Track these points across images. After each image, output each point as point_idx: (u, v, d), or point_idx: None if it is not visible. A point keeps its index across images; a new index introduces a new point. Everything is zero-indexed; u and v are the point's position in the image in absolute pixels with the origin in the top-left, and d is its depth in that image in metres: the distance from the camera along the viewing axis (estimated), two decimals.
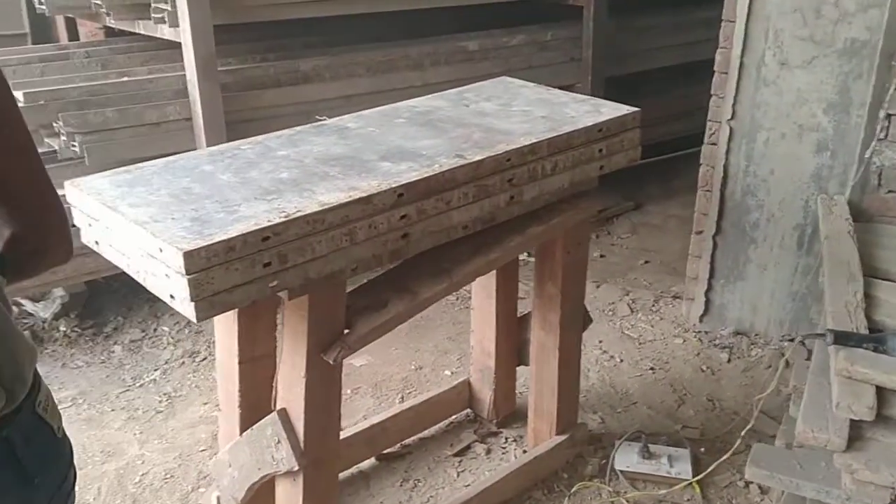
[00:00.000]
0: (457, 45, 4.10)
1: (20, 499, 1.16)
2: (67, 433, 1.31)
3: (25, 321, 3.65)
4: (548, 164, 2.16)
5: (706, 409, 3.07)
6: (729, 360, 3.37)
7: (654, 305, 3.83)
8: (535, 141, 2.11)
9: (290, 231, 1.65)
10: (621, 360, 3.40)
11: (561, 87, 2.83)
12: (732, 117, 3.25)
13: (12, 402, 1.13)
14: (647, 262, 4.30)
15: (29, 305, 3.68)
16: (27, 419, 1.17)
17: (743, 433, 2.48)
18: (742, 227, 3.38)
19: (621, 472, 2.69)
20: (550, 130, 2.18)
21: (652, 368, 3.34)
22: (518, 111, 2.36)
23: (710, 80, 3.32)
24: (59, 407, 1.30)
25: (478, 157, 1.99)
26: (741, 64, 3.16)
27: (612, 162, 2.36)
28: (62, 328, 3.62)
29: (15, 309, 3.67)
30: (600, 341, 3.54)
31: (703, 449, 2.83)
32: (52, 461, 1.23)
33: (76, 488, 1.33)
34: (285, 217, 1.65)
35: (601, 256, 4.37)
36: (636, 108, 2.38)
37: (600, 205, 2.50)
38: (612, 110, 2.36)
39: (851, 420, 1.85)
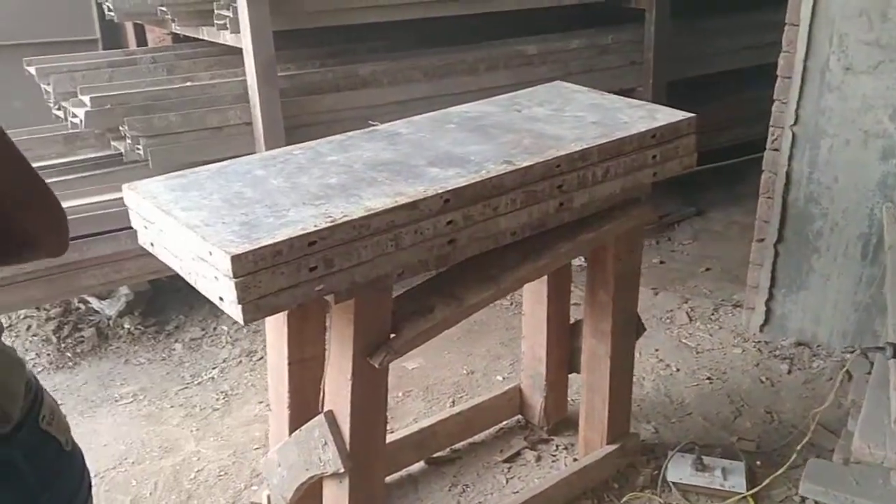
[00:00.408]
0: (515, 50, 4.09)
1: None
2: (122, 429, 1.30)
3: (91, 318, 3.77)
4: (598, 170, 2.14)
5: (764, 421, 2.99)
6: (789, 372, 3.28)
7: (713, 314, 3.76)
8: (585, 147, 2.09)
9: (336, 236, 1.67)
10: (677, 370, 3.34)
11: (621, 91, 2.81)
12: (795, 123, 3.17)
13: (7, 420, 1.08)
14: (707, 269, 4.22)
15: (95, 303, 3.80)
16: (30, 436, 1.12)
17: (800, 447, 2.42)
18: (805, 235, 3.29)
19: (673, 483, 2.64)
20: (602, 136, 2.16)
21: (709, 378, 3.27)
22: (570, 116, 2.34)
23: (774, 84, 3.24)
24: (119, 403, 1.30)
25: (526, 163, 1.98)
26: (805, 68, 3.08)
27: (665, 168, 2.32)
28: (126, 325, 3.73)
29: (81, 306, 3.80)
30: (656, 350, 3.48)
31: (758, 462, 2.76)
32: (61, 476, 1.18)
33: (93, 494, 1.29)
34: (331, 222, 1.67)
35: (661, 263, 4.30)
36: (692, 114, 2.33)
37: (654, 211, 2.46)
38: (667, 116, 2.32)
39: None
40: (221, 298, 1.64)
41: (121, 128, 3.33)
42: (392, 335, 1.92)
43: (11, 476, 1.08)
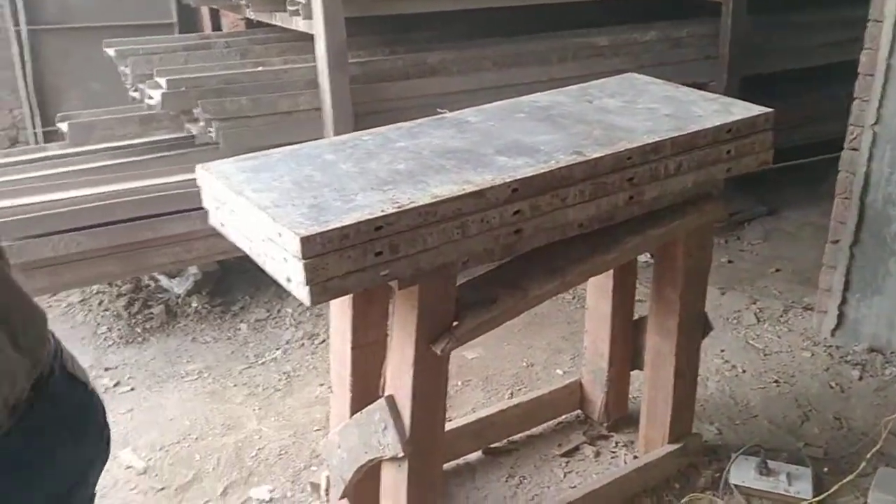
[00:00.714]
0: (586, 41, 4.04)
1: (75, 455, 1.20)
2: (188, 404, 1.35)
3: (161, 296, 3.86)
4: (671, 163, 2.09)
5: (832, 427, 2.91)
6: (860, 378, 3.17)
7: (782, 316, 3.66)
8: (658, 139, 2.05)
9: (402, 222, 1.67)
10: (743, 371, 3.27)
11: (694, 86, 2.74)
12: (877, 122, 3.05)
13: (37, 365, 1.14)
14: (777, 270, 4.11)
15: (164, 281, 3.89)
16: (61, 380, 1.18)
17: (869, 455, 2.35)
18: (882, 238, 3.17)
19: (736, 486, 2.59)
20: (675, 129, 2.11)
21: (776, 381, 3.19)
22: (643, 108, 2.30)
23: (854, 82, 3.13)
24: (185, 379, 1.34)
25: (597, 155, 1.95)
26: (888, 66, 2.97)
27: (740, 164, 2.26)
28: (194, 304, 3.82)
29: (151, 283, 3.90)
30: (722, 350, 3.41)
31: (825, 469, 2.68)
32: (92, 413, 1.26)
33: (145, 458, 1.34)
34: (398, 208, 1.67)
35: (729, 262, 4.21)
36: (769, 109, 2.27)
37: (726, 208, 2.40)
38: (743, 110, 2.26)
39: None
40: (289, 279, 1.66)
41: (194, 110, 3.40)
42: (455, 323, 1.92)
43: (52, 420, 1.15)
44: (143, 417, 3.06)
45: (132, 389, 3.24)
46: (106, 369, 3.38)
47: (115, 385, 3.27)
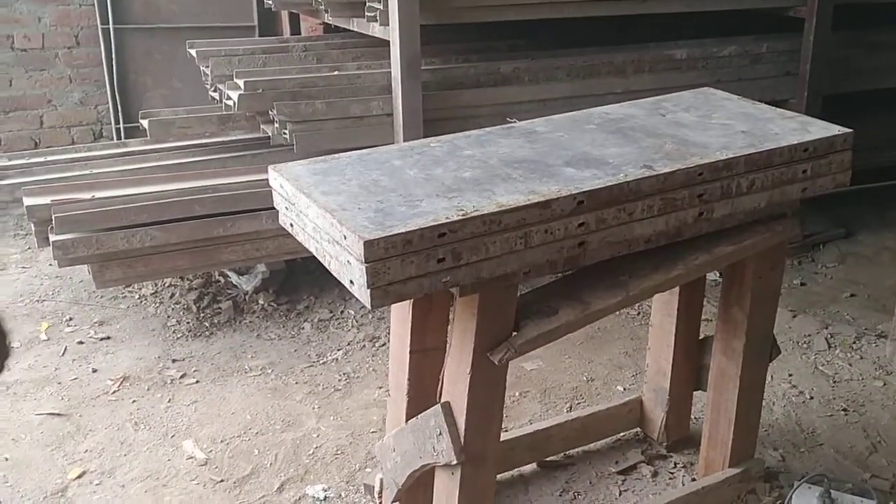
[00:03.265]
0: (663, 53, 3.98)
1: None
2: (250, 399, 1.36)
3: (230, 292, 3.95)
4: (744, 181, 2.05)
5: None
6: None
7: (854, 343, 3.54)
8: (731, 156, 2.01)
9: (466, 229, 1.67)
10: (811, 398, 3.17)
11: (773, 103, 2.68)
12: None
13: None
14: (852, 295, 3.98)
15: (234, 277, 3.98)
16: None
17: None
18: None
19: None
20: (749, 146, 2.07)
21: (845, 410, 3.08)
22: (717, 124, 2.26)
23: None
24: (249, 375, 1.34)
25: (667, 170, 1.92)
26: None
27: (816, 185, 2.20)
28: (261, 301, 3.89)
29: (221, 279, 3.99)
30: (790, 375, 3.32)
31: (892, 502, 2.58)
32: None
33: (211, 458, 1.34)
34: (462, 215, 1.68)
35: (801, 284, 4.09)
36: (848, 130, 2.20)
37: (800, 229, 2.34)
38: (821, 130, 2.20)
39: None
40: (352, 282, 1.68)
41: (270, 112, 3.48)
42: (514, 333, 1.92)
43: None
44: (206, 410, 3.13)
45: (197, 382, 3.32)
46: (173, 361, 3.47)
47: (182, 377, 3.35)
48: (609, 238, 1.90)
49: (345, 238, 1.66)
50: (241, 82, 3.53)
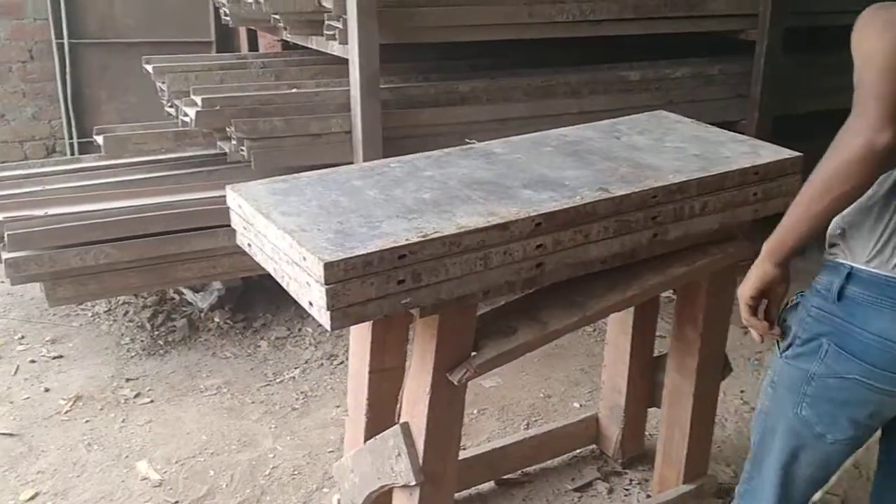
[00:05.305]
0: (617, 75, 4.05)
1: None
2: (205, 419, 1.35)
3: (185, 309, 3.91)
4: (696, 204, 2.10)
5: (851, 476, 2.86)
6: None
7: None
8: (684, 179, 2.05)
9: (426, 251, 1.68)
10: None
11: (725, 124, 2.75)
12: None
13: None
14: None
15: (189, 295, 3.94)
16: None
17: None
18: None
19: None
20: (702, 170, 2.12)
21: None
22: (671, 147, 2.31)
23: None
24: (204, 394, 1.35)
25: (622, 192, 1.96)
26: None
27: (767, 207, 2.26)
28: (216, 319, 3.85)
29: (176, 297, 3.94)
30: (742, 391, 3.38)
31: None
32: None
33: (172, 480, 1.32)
34: (422, 237, 1.69)
35: None
36: (798, 154, 2.26)
37: (751, 250, 2.39)
38: (772, 153, 2.26)
39: None
40: (311, 303, 1.68)
41: (227, 129, 3.46)
42: (473, 353, 1.93)
43: None
44: (161, 430, 3.09)
45: (151, 401, 3.27)
46: (127, 380, 3.42)
47: (136, 396, 3.30)
48: (566, 259, 1.92)
49: (304, 259, 1.66)
50: (198, 99, 3.51)
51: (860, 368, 1.66)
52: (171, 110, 3.98)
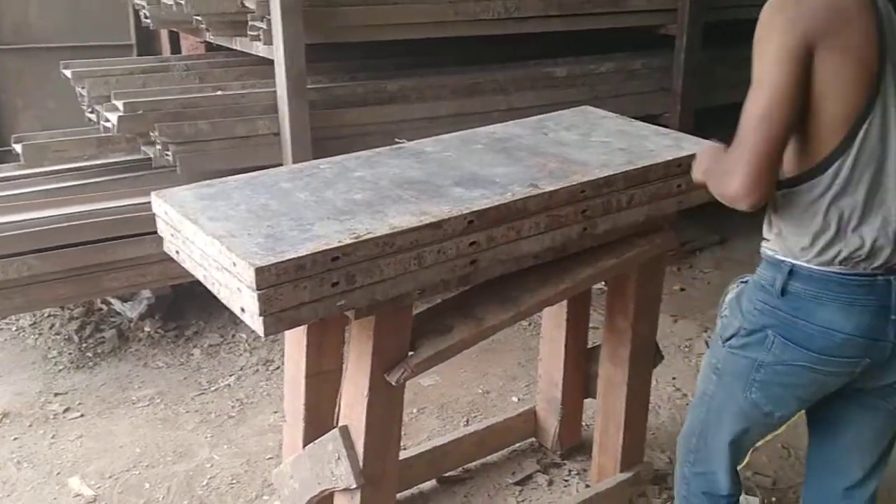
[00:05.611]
0: (543, 71, 4.10)
1: None
2: (138, 431, 1.32)
3: (113, 320, 3.81)
4: (623, 197, 2.14)
5: (781, 456, 2.96)
6: None
7: None
8: (611, 173, 2.09)
9: (360, 252, 1.68)
10: None
11: (648, 117, 2.81)
12: None
13: None
14: None
15: (117, 304, 3.84)
16: None
17: None
18: None
19: None
20: (628, 164, 2.16)
21: None
22: (597, 142, 2.35)
23: None
24: (136, 406, 1.31)
25: (551, 188, 1.98)
26: None
27: (690, 197, 2.31)
28: (147, 328, 3.77)
29: (104, 307, 3.84)
30: (674, 378, 3.46)
31: (774, 499, 2.73)
32: None
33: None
34: (355, 238, 1.68)
35: (681, 290, 4.28)
36: (720, 144, 2.32)
37: (677, 240, 2.46)
38: (694, 145, 2.31)
39: None
40: (243, 309, 1.65)
41: (151, 133, 3.38)
42: (410, 353, 1.93)
43: None
44: (93, 444, 3.01)
45: (82, 416, 3.18)
46: (56, 395, 3.32)
47: (65, 411, 3.20)
48: (499, 255, 1.94)
49: (234, 265, 1.63)
50: (119, 104, 3.42)
51: (806, 356, 1.74)
52: (92, 116, 3.87)
